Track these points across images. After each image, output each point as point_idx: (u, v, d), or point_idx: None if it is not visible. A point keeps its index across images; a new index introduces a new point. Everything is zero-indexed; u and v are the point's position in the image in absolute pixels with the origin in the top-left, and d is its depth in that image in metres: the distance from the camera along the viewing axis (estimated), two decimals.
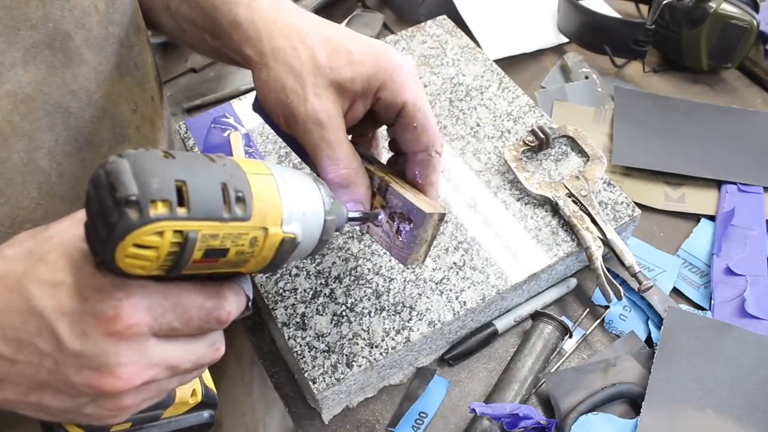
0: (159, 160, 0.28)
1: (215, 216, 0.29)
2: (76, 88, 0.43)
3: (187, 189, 0.28)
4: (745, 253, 0.64)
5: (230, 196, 0.30)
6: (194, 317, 0.32)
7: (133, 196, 0.27)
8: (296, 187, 0.34)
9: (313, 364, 0.53)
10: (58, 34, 0.41)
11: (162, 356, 0.31)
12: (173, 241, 0.28)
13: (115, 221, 0.27)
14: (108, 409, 0.31)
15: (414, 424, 0.55)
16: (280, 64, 0.43)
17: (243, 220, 0.30)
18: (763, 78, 0.83)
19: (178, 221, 0.28)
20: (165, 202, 0.27)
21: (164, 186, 0.27)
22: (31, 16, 0.39)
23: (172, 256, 0.28)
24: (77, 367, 0.30)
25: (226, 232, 0.30)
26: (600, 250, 0.59)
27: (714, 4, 0.76)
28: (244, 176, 0.31)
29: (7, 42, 0.38)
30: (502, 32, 0.86)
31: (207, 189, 0.29)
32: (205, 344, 0.34)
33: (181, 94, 0.86)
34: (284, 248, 0.33)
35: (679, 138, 0.74)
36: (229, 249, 0.30)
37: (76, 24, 0.42)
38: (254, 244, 0.31)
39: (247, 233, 0.31)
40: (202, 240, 0.29)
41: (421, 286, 0.57)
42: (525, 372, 0.56)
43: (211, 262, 0.30)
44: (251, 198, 0.31)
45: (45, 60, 0.40)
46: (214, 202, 0.29)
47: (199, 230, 0.28)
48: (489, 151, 0.67)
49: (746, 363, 0.55)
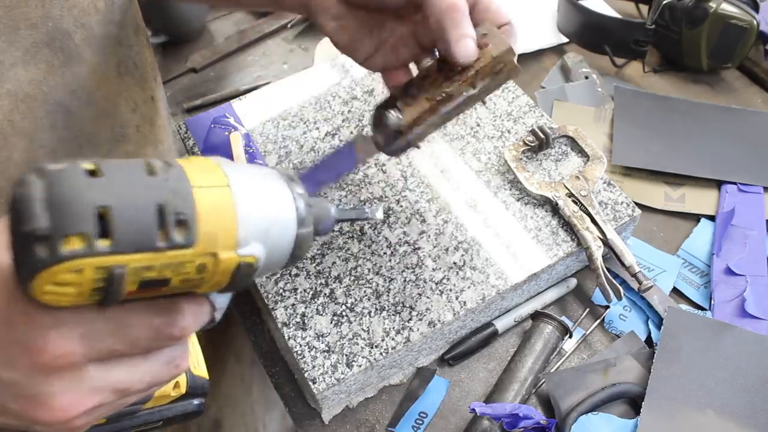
0: (80, 181, 0.24)
1: (147, 246, 0.25)
2: (76, 88, 0.43)
3: (112, 216, 0.24)
4: (745, 253, 0.64)
5: (169, 220, 0.25)
6: (141, 338, 0.29)
7: (43, 230, 0.23)
8: (260, 198, 0.29)
9: (313, 364, 0.53)
10: (57, 33, 0.41)
11: (105, 382, 0.29)
12: (95, 277, 0.24)
13: (24, 257, 0.24)
14: (60, 430, 0.30)
15: (414, 424, 0.55)
16: None
17: (184, 248, 0.26)
18: (763, 78, 0.83)
19: (99, 257, 0.24)
20: (82, 236, 0.23)
21: (82, 216, 0.23)
22: (31, 15, 0.39)
23: (99, 291, 0.25)
24: (11, 395, 0.28)
25: (163, 263, 0.25)
26: (600, 250, 0.59)
27: (714, 4, 0.76)
28: (190, 192, 0.26)
29: (7, 41, 0.38)
30: None
31: (138, 215, 0.25)
32: (160, 362, 0.31)
33: (181, 94, 0.86)
34: (242, 273, 0.28)
35: (679, 138, 0.74)
36: (170, 278, 0.26)
37: (76, 23, 0.42)
38: (203, 271, 0.27)
39: (192, 261, 0.26)
40: (133, 273, 0.25)
41: (421, 286, 0.57)
42: (525, 372, 0.56)
43: (151, 291, 0.27)
44: (196, 220, 0.26)
45: (45, 59, 0.40)
46: (146, 229, 0.25)
47: (127, 264, 0.25)
48: (489, 151, 0.67)
49: (746, 363, 0.55)
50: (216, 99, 0.84)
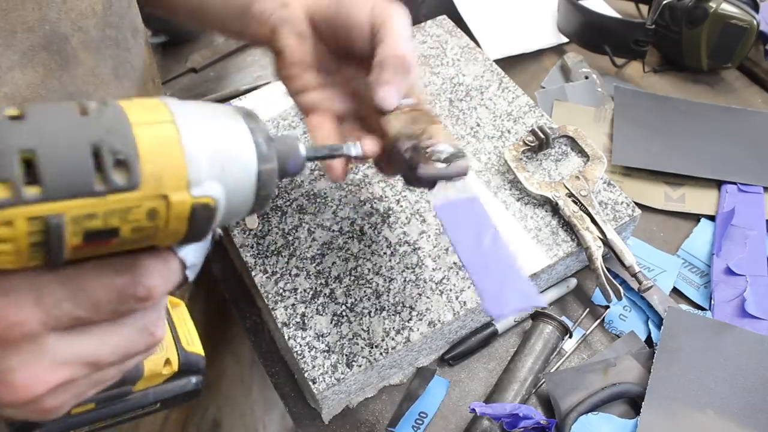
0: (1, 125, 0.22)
1: (84, 191, 0.23)
2: (73, 91, 0.43)
3: (39, 161, 0.22)
4: (745, 253, 0.64)
5: (106, 161, 0.23)
6: (103, 300, 0.27)
7: None
8: (212, 133, 0.26)
9: (313, 364, 0.53)
10: (54, 37, 0.40)
11: (71, 353, 0.27)
12: (30, 230, 0.22)
13: None
14: (30, 412, 0.28)
15: (414, 424, 0.55)
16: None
17: (128, 191, 0.24)
18: (763, 78, 0.83)
19: (30, 206, 0.22)
20: (6, 183, 0.22)
21: (4, 161, 0.22)
22: (28, 18, 0.39)
23: (38, 246, 0.23)
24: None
25: (107, 209, 0.23)
26: (600, 250, 0.59)
27: (714, 4, 0.76)
28: (129, 130, 0.24)
29: (4, 45, 0.38)
30: (502, 32, 0.86)
31: (68, 156, 0.22)
32: (132, 330, 0.29)
33: (181, 94, 0.86)
34: (199, 216, 0.26)
35: (679, 138, 0.74)
36: (119, 227, 0.24)
37: (73, 26, 0.42)
38: (155, 218, 0.25)
39: (139, 206, 0.24)
40: (73, 223, 0.23)
41: (421, 286, 0.57)
42: (525, 372, 0.56)
43: (100, 244, 0.24)
44: (137, 159, 0.24)
45: (42, 62, 0.40)
46: (80, 172, 0.23)
47: (64, 212, 0.23)
48: (489, 151, 0.67)
49: (746, 363, 0.55)
50: (216, 99, 0.84)
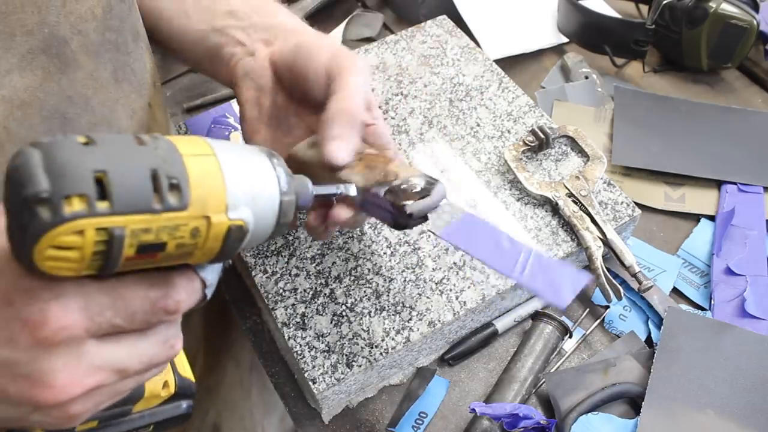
0: (76, 149, 0.25)
1: (144, 208, 0.26)
2: (72, 94, 0.43)
3: (109, 180, 0.25)
4: (745, 253, 0.64)
5: (162, 184, 0.27)
6: (138, 310, 0.29)
7: (44, 192, 0.24)
8: (245, 167, 0.31)
9: (313, 364, 0.53)
10: (54, 40, 0.40)
11: (105, 359, 0.29)
12: (97, 239, 0.25)
13: (27, 222, 0.24)
14: (56, 418, 0.30)
15: (414, 424, 0.55)
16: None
17: (179, 210, 0.27)
18: (763, 78, 0.83)
19: (100, 217, 0.25)
20: (82, 197, 0.25)
21: (81, 178, 0.25)
22: (27, 21, 0.39)
23: (99, 255, 0.26)
24: (10, 377, 0.28)
25: (160, 225, 0.27)
26: (600, 250, 0.59)
27: (714, 4, 0.76)
28: (180, 160, 0.28)
29: (3, 47, 0.38)
30: (502, 32, 0.86)
31: (133, 178, 0.26)
32: (157, 341, 0.31)
33: (181, 94, 0.86)
34: (232, 237, 0.30)
35: (679, 138, 0.74)
36: (167, 243, 0.27)
37: (72, 30, 0.41)
38: (196, 236, 0.28)
39: (186, 224, 0.28)
40: (131, 236, 0.26)
41: (421, 286, 0.57)
42: (525, 372, 0.56)
43: (148, 257, 0.28)
44: (188, 184, 0.27)
45: (41, 66, 0.40)
46: (141, 192, 0.26)
47: (126, 225, 0.26)
48: (489, 151, 0.67)
49: (746, 363, 0.55)
50: (216, 99, 0.84)
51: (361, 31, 0.91)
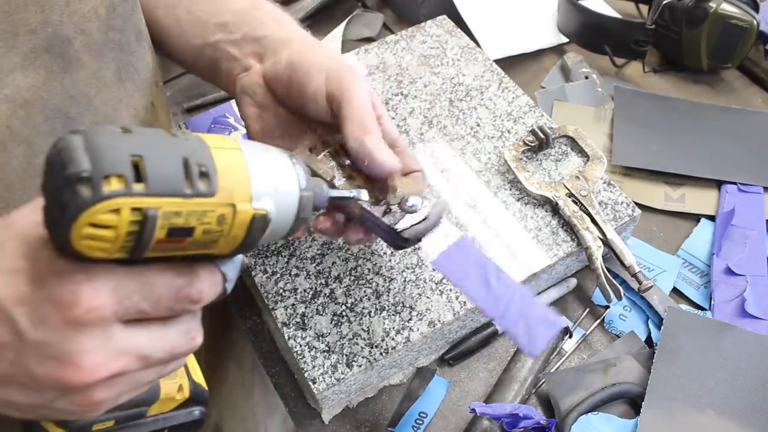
0: (114, 135, 0.27)
1: (176, 192, 0.28)
2: (75, 94, 0.43)
3: (144, 164, 0.27)
4: (745, 253, 0.64)
5: (192, 171, 0.28)
6: (163, 297, 0.30)
7: (85, 172, 0.25)
8: (267, 162, 0.33)
9: (313, 364, 0.53)
10: (57, 39, 0.40)
11: (130, 344, 0.30)
12: (132, 219, 0.27)
13: (68, 200, 0.26)
14: (79, 404, 0.30)
15: (414, 424, 0.55)
16: (311, 42, 0.52)
17: (207, 196, 0.29)
18: (763, 78, 0.83)
19: (135, 197, 0.26)
20: (120, 178, 0.26)
21: (119, 160, 0.26)
22: (30, 20, 0.39)
23: (133, 236, 0.27)
24: (39, 358, 0.29)
25: (189, 210, 0.28)
26: (600, 250, 0.59)
27: (714, 4, 0.76)
28: (208, 151, 0.30)
29: (6, 47, 0.38)
30: (502, 32, 0.86)
31: (166, 163, 0.28)
32: (179, 331, 0.32)
33: (181, 94, 0.86)
34: (256, 226, 0.31)
35: (679, 138, 0.74)
36: (194, 228, 0.29)
37: (76, 29, 0.41)
38: (222, 222, 0.30)
39: (214, 210, 0.29)
40: (163, 218, 0.27)
41: (421, 286, 0.57)
42: (525, 372, 0.56)
43: (176, 242, 0.29)
44: (215, 173, 0.29)
45: (44, 65, 0.40)
46: (174, 177, 0.28)
47: (160, 207, 0.27)
48: (489, 151, 0.67)
49: (746, 363, 0.55)
50: (216, 99, 0.84)
51: (361, 31, 0.91)
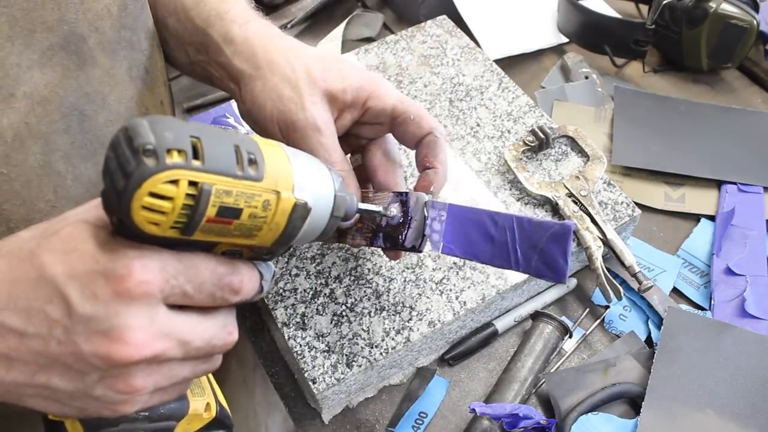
0: (174, 120, 0.30)
1: (229, 172, 0.30)
2: (90, 91, 0.43)
3: (202, 144, 0.29)
4: (745, 253, 0.64)
5: (243, 157, 0.31)
6: (207, 281, 0.32)
7: (150, 144, 0.28)
8: (306, 161, 0.35)
9: (313, 364, 0.53)
10: (72, 37, 0.41)
11: (173, 326, 0.31)
12: (188, 192, 0.29)
13: (133, 169, 0.28)
14: (117, 390, 0.31)
15: (414, 424, 0.55)
16: (277, 75, 0.48)
17: (256, 180, 0.31)
18: (763, 78, 0.83)
19: (193, 171, 0.29)
20: (181, 152, 0.28)
21: (180, 138, 0.29)
22: (47, 18, 0.39)
23: (187, 210, 0.29)
24: (87, 334, 0.30)
25: (239, 190, 0.30)
26: (600, 250, 0.59)
27: (714, 4, 0.76)
28: (256, 143, 0.32)
29: (24, 44, 0.38)
30: (502, 32, 0.86)
31: (220, 146, 0.30)
32: (217, 324, 0.34)
33: (181, 94, 0.86)
34: (297, 215, 0.33)
35: (679, 138, 0.74)
36: (242, 209, 0.31)
37: (90, 27, 0.42)
38: (267, 208, 0.32)
39: (260, 195, 0.31)
40: (216, 195, 0.29)
41: (421, 286, 0.57)
42: (525, 372, 0.56)
43: (224, 223, 0.31)
44: (263, 161, 0.32)
45: (60, 62, 0.41)
46: (227, 158, 0.30)
47: (213, 184, 0.29)
48: (489, 151, 0.67)
49: (746, 363, 0.55)
50: (216, 99, 0.84)
51: (361, 31, 0.91)
